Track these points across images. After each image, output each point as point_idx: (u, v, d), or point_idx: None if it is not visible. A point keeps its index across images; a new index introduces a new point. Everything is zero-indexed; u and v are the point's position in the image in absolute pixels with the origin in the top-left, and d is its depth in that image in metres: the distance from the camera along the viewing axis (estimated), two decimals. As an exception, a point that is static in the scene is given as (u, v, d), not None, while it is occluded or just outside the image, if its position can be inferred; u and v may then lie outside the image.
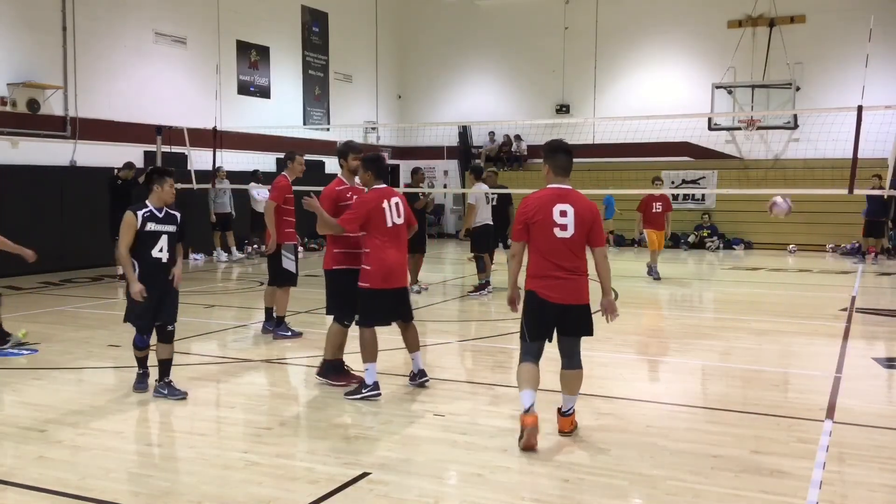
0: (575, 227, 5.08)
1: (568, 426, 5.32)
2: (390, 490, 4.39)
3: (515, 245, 5.23)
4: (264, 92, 20.73)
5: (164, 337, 6.30)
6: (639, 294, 12.77)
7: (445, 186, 24.53)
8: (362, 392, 6.22)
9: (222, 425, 5.78)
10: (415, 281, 12.01)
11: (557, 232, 5.06)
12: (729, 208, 21.27)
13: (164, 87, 17.48)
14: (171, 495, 4.33)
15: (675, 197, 20.36)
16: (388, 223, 6.19)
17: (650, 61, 23.33)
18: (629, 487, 4.49)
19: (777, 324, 9.79)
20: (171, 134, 15.28)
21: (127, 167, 13.80)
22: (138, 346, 6.36)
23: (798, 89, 20.78)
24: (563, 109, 24.33)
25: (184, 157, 15.34)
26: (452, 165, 25.10)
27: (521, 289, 5.30)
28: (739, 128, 21.21)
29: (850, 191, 9.99)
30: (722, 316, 11.23)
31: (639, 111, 21.57)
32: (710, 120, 20.71)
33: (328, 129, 23.03)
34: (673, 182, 21.55)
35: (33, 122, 14.77)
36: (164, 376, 6.32)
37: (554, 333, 5.24)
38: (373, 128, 24.62)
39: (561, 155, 5.24)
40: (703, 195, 21.35)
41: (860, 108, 9.58)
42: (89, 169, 15.39)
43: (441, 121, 24.57)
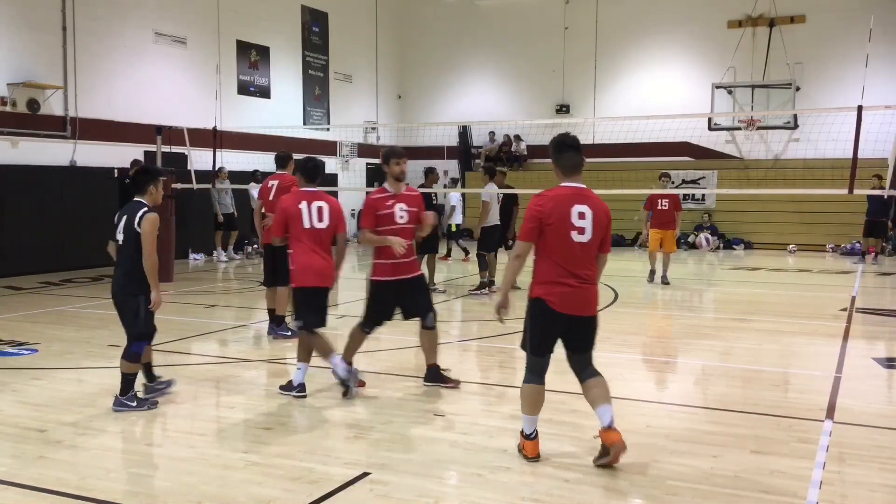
0: (592, 231, 4.67)
1: (619, 437, 4.66)
2: (390, 490, 4.39)
3: (522, 245, 4.74)
4: (264, 92, 20.73)
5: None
6: (639, 294, 12.77)
7: (445, 186, 24.53)
8: (291, 392, 6.40)
9: (222, 425, 5.78)
10: (432, 282, 12.04)
11: (575, 235, 4.63)
12: (729, 208, 21.28)
13: (164, 87, 17.49)
14: (171, 495, 4.33)
15: (685, 197, 20.35)
16: (306, 224, 6.33)
17: (650, 61, 23.33)
18: (629, 487, 4.49)
19: (777, 324, 9.79)
20: (171, 134, 15.28)
21: (135, 164, 13.86)
22: (140, 359, 6.00)
23: (798, 89, 20.79)
24: (563, 109, 24.33)
25: (184, 157, 15.34)
26: (452, 165, 25.10)
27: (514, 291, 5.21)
28: (739, 128, 21.22)
29: (850, 191, 9.99)
30: (722, 316, 11.23)
31: (639, 111, 21.57)
32: (710, 120, 20.72)
33: (328, 129, 23.04)
34: (673, 182, 21.53)
35: (33, 122, 14.78)
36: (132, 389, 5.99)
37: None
38: (373, 128, 24.62)
39: (569, 152, 4.80)
40: (703, 195, 21.36)
41: (860, 108, 9.58)
42: (89, 169, 15.39)
43: (441, 121, 24.57)
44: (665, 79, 22.91)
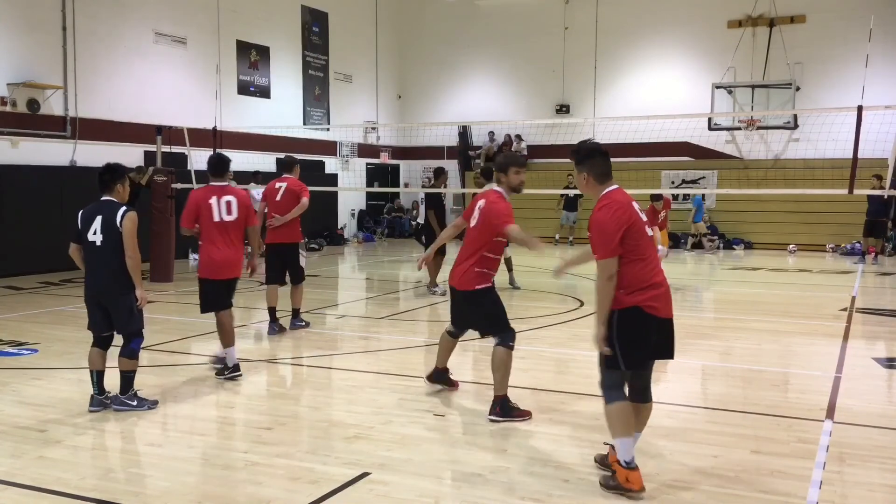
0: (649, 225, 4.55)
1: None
2: (390, 490, 4.39)
3: (612, 262, 4.29)
4: (264, 92, 20.73)
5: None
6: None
7: (445, 186, 24.50)
8: (226, 374, 6.81)
9: (222, 425, 5.78)
10: (434, 283, 12.06)
11: (648, 231, 4.46)
12: (729, 208, 21.28)
13: (164, 87, 17.49)
14: (171, 495, 4.33)
15: (675, 197, 20.36)
16: (215, 218, 6.79)
17: (650, 61, 23.33)
18: (629, 487, 4.49)
19: (777, 324, 9.79)
20: (171, 134, 15.27)
21: (139, 171, 13.86)
22: (138, 356, 6.00)
23: (798, 89, 20.78)
24: (563, 109, 24.33)
25: (184, 157, 15.34)
26: (452, 165, 25.08)
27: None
28: (739, 128, 21.22)
29: (850, 191, 9.99)
30: (722, 316, 11.23)
31: (639, 111, 21.56)
32: (710, 120, 20.72)
33: (328, 129, 23.04)
34: (673, 182, 21.57)
35: (33, 122, 14.77)
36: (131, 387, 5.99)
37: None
38: (373, 128, 24.63)
39: (599, 158, 4.58)
40: (703, 195, 21.36)
41: (860, 108, 9.58)
42: (89, 169, 15.37)
43: (441, 121, 24.57)
44: (665, 79, 22.90)
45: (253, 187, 17.13)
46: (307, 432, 5.58)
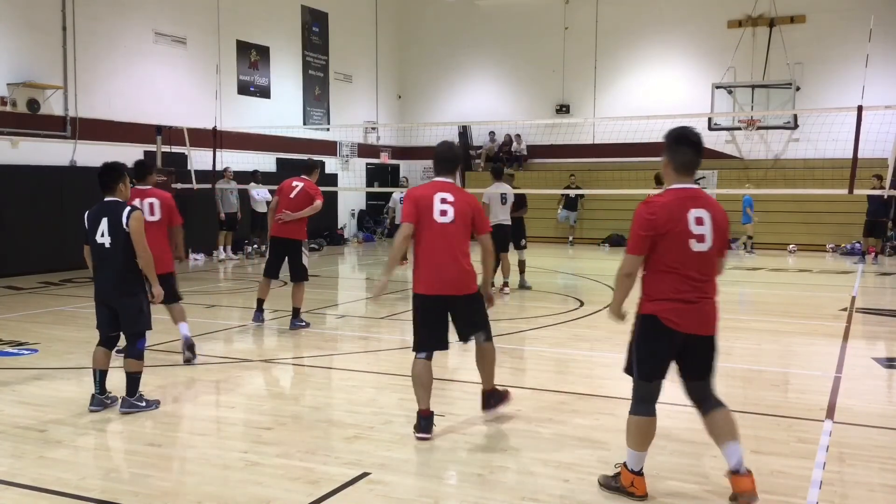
0: (713, 238, 4.15)
1: (751, 485, 4.12)
2: (390, 490, 4.39)
3: (632, 260, 4.19)
4: (264, 92, 20.73)
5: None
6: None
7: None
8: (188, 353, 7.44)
9: (222, 425, 5.78)
10: (505, 283, 12.11)
11: (693, 244, 4.09)
12: (729, 208, 21.13)
13: (164, 87, 17.49)
14: (171, 495, 4.33)
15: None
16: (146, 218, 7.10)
17: (650, 61, 23.33)
18: (629, 487, 4.49)
19: (777, 324, 9.79)
20: (171, 134, 15.29)
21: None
22: (142, 356, 5.99)
23: (798, 89, 20.78)
24: (563, 109, 24.34)
25: (184, 157, 15.34)
26: (452, 165, 25.09)
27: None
28: (739, 128, 21.21)
29: (850, 191, 10.01)
30: (722, 316, 11.15)
31: (639, 111, 21.56)
32: (710, 120, 20.73)
33: (328, 129, 23.04)
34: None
35: (33, 122, 14.78)
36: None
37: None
38: (373, 128, 24.63)
39: (685, 148, 4.30)
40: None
41: (860, 108, 9.59)
42: (89, 169, 15.35)
43: (441, 121, 24.56)
44: (665, 79, 22.91)
45: (252, 187, 17.15)
46: (307, 432, 5.58)
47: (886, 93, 17.61)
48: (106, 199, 5.91)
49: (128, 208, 5.83)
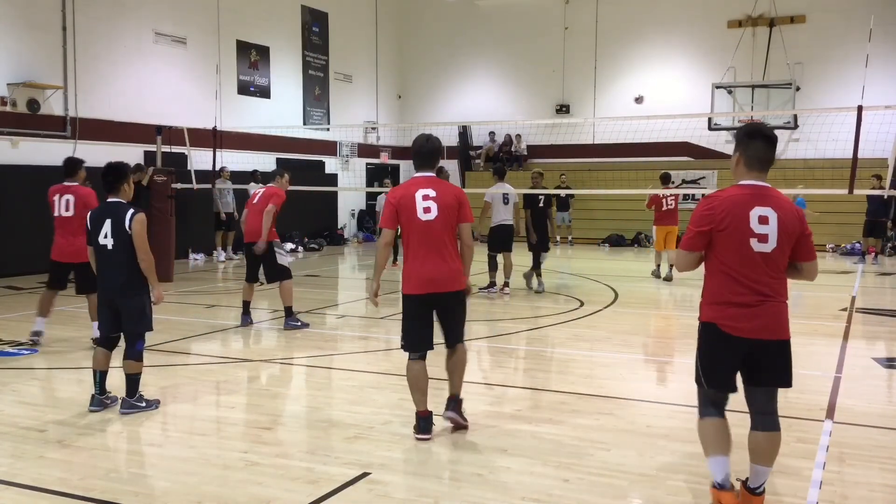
0: (778, 238, 3.88)
1: None
2: (390, 490, 4.39)
3: (686, 257, 4.06)
4: (264, 92, 20.73)
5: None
6: (639, 294, 12.76)
7: (380, 185, 24.48)
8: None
9: (222, 425, 5.78)
10: (505, 283, 12.10)
11: (755, 244, 3.86)
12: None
13: (164, 87, 17.49)
14: (171, 495, 4.33)
15: (686, 197, 20.32)
16: (55, 213, 8.08)
17: (650, 61, 23.33)
18: (629, 487, 4.49)
19: (777, 324, 9.77)
20: (171, 134, 15.27)
21: (136, 170, 13.85)
22: (141, 357, 5.97)
23: (798, 89, 20.78)
24: (563, 109, 24.34)
25: (184, 157, 15.34)
26: (452, 165, 25.10)
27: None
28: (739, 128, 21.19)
29: (850, 191, 9.99)
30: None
31: (639, 111, 21.57)
32: (710, 120, 20.72)
33: (328, 129, 23.04)
34: (673, 182, 21.53)
35: (33, 122, 14.77)
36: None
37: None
38: (373, 128, 24.63)
39: (759, 142, 4.02)
40: (704, 195, 21.35)
41: (860, 108, 9.58)
42: (89, 169, 15.32)
43: (441, 121, 24.58)
44: (665, 79, 22.91)
45: (252, 187, 17.13)
46: (307, 432, 5.58)
47: (886, 93, 17.60)
48: (109, 200, 5.91)
49: (131, 210, 5.82)
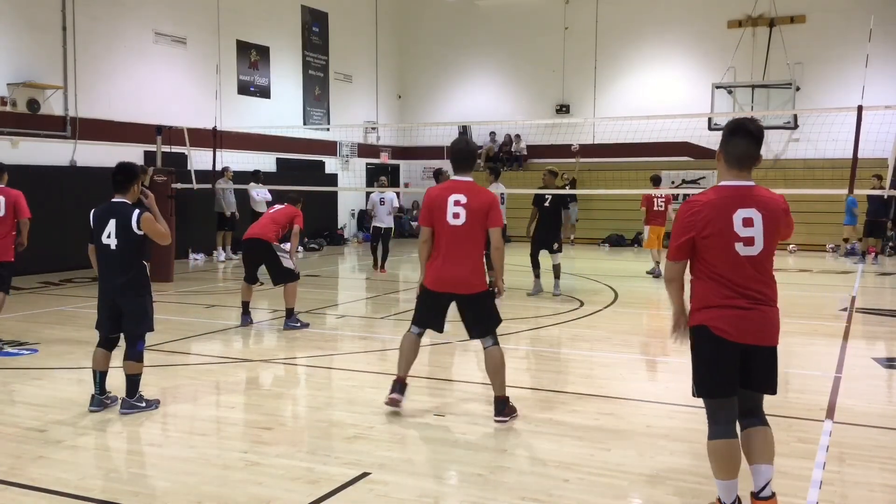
0: (765, 240, 3.76)
1: None
2: (390, 490, 4.39)
3: (672, 267, 3.91)
4: (264, 92, 20.73)
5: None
6: (639, 294, 12.77)
7: (375, 185, 24.51)
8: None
9: (222, 425, 5.78)
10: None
11: (741, 248, 3.73)
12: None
13: (164, 87, 17.49)
14: (171, 495, 4.33)
15: (676, 197, 20.30)
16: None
17: (650, 61, 23.33)
18: (629, 487, 4.49)
19: (777, 324, 9.77)
20: (171, 134, 15.27)
21: (141, 171, 13.86)
22: (142, 358, 5.95)
23: (798, 89, 20.78)
24: (563, 109, 24.34)
25: (184, 157, 15.34)
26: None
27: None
28: (739, 128, 21.19)
29: (850, 191, 10.00)
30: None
31: (639, 111, 21.57)
32: (710, 120, 20.69)
33: (328, 129, 23.04)
34: (673, 182, 21.56)
35: (33, 122, 14.78)
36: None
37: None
38: (373, 128, 24.63)
39: (739, 139, 3.78)
40: (686, 196, 21.37)
41: (860, 108, 9.58)
42: (89, 169, 15.38)
43: (441, 121, 24.56)
44: (665, 79, 22.91)
45: (252, 187, 17.15)
46: (307, 432, 5.58)
47: (886, 93, 17.60)
48: (114, 200, 5.88)
49: (136, 211, 5.80)
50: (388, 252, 15.20)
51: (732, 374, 3.83)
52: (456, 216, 5.48)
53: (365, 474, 4.61)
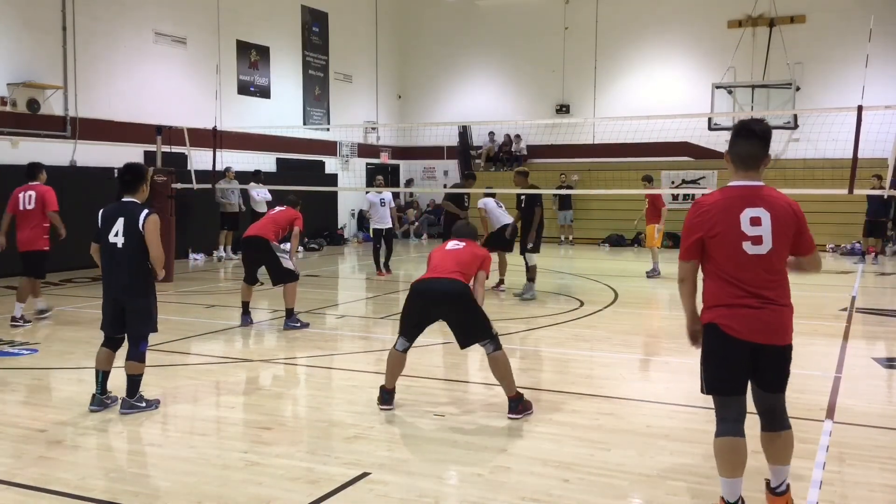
0: (773, 239, 3.74)
1: None
2: (390, 490, 4.39)
3: (684, 267, 3.91)
4: (264, 92, 20.73)
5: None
6: (639, 294, 12.77)
7: (445, 186, 24.51)
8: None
9: (222, 425, 5.78)
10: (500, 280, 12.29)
11: (748, 247, 3.73)
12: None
13: (164, 87, 17.49)
14: (171, 495, 4.33)
15: (676, 197, 20.34)
16: (20, 207, 9.50)
17: (650, 61, 23.33)
18: (629, 487, 4.49)
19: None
20: (171, 134, 15.26)
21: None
22: (144, 358, 5.97)
23: (798, 89, 20.77)
24: (563, 109, 24.34)
25: (184, 157, 15.34)
26: (452, 165, 25.10)
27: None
28: (739, 128, 21.19)
29: (850, 191, 9.98)
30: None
31: (639, 111, 21.56)
32: (710, 120, 20.70)
33: (328, 129, 23.04)
34: (673, 182, 21.57)
35: (33, 122, 14.77)
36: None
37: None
38: (373, 128, 24.63)
39: (744, 140, 3.82)
40: (693, 197, 21.37)
41: (860, 108, 9.57)
42: (89, 169, 15.38)
43: (441, 121, 24.57)
44: (665, 79, 22.91)
45: (253, 187, 17.15)
46: (307, 432, 5.58)
47: (886, 93, 17.59)
48: (124, 200, 5.91)
49: (145, 211, 5.82)
50: (392, 251, 15.21)
51: (740, 373, 3.83)
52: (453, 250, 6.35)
53: (365, 474, 4.61)
